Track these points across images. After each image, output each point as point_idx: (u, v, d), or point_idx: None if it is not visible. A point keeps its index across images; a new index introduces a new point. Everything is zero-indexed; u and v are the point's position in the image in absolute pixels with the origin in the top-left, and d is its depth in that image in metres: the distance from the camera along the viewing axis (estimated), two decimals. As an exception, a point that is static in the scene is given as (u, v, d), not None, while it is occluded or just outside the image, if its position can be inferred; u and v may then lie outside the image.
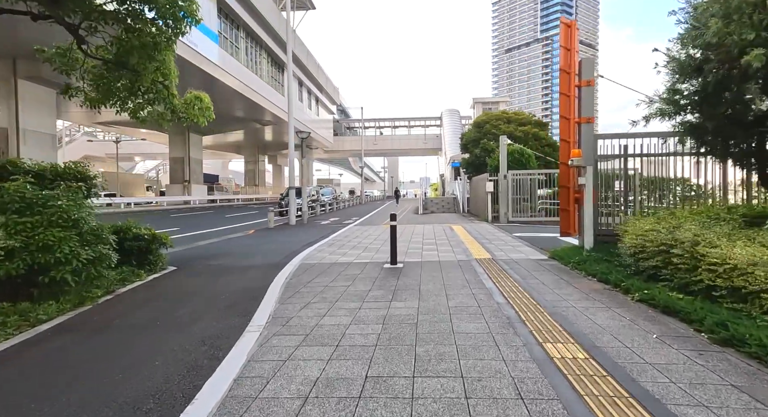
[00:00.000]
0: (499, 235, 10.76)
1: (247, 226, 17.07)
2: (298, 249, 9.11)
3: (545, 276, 5.59)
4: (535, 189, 15.14)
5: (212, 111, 6.20)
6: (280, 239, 11.52)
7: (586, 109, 6.78)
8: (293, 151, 17.27)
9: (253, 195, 52.03)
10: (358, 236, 11.39)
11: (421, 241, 9.81)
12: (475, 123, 21.06)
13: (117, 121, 37.80)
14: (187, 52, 21.88)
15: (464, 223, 14.95)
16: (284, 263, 7.21)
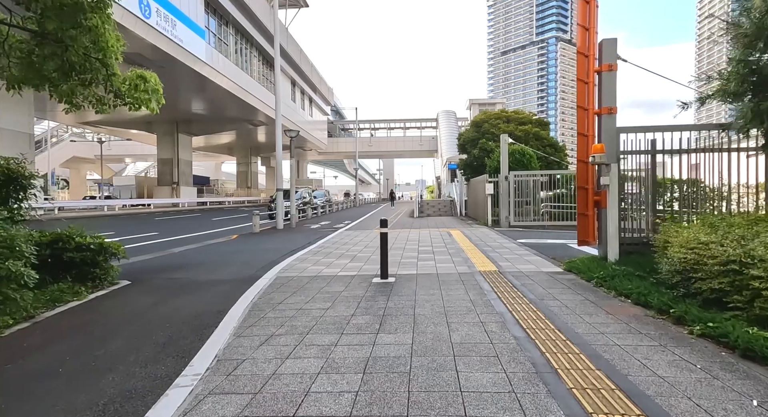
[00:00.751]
0: (502, 242, 9.80)
1: (233, 230, 16.04)
2: (279, 258, 8.11)
3: (566, 295, 4.62)
4: (538, 191, 14.21)
5: (162, 95, 5.19)
6: (262, 246, 10.51)
7: (607, 98, 5.84)
8: (281, 151, 16.27)
9: (245, 197, 50.92)
10: (348, 242, 10.40)
11: (416, 249, 8.83)
12: (473, 122, 20.15)
13: (103, 121, 36.64)
14: (171, 47, 20.86)
15: (463, 228, 13.99)
16: (258, 276, 6.21)
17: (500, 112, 20.07)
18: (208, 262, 8.09)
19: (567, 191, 14.25)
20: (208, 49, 24.70)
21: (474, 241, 9.99)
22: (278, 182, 16.20)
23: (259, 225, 14.59)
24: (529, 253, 7.94)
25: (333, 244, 10.09)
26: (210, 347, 3.26)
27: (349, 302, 4.58)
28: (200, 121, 37.10)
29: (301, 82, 43.64)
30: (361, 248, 9.18)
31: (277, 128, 16.03)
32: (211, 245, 11.04)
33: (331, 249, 9.19)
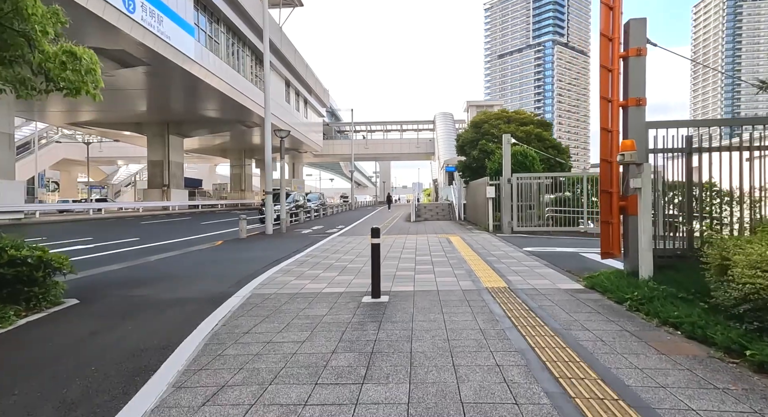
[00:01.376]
0: (507, 250, 8.97)
1: (219, 235, 15.16)
2: (261, 269, 7.25)
3: (597, 323, 3.78)
4: (543, 195, 13.41)
5: (100, 77, 4.33)
6: (246, 254, 9.64)
7: (634, 88, 5.03)
8: (270, 152, 15.42)
9: (239, 200, 49.98)
10: (339, 250, 9.53)
11: (413, 258, 7.98)
12: (473, 123, 19.36)
13: (91, 122, 35.67)
14: (158, 44, 19.98)
15: (462, 234, 13.16)
16: (231, 293, 5.34)
17: (501, 113, 19.29)
18: (181, 273, 7.22)
19: (572, 195, 13.46)
20: (197, 47, 23.84)
21: (476, 249, 9.15)
22: (267, 185, 15.33)
23: (246, 230, 13.71)
24: (539, 264, 7.10)
25: (323, 252, 9.23)
26: (131, 412, 2.39)
27: (330, 332, 3.72)
28: (192, 123, 36.20)
29: (295, 83, 42.81)
30: (352, 257, 8.32)
31: (266, 128, 15.17)
32: (191, 253, 10.16)
33: (319, 258, 8.32)
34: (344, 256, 8.52)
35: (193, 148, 53.07)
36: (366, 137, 62.83)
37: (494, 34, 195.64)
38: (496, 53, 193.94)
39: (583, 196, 12.62)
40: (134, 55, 20.85)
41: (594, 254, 8.24)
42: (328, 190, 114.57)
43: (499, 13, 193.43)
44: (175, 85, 26.82)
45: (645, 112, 5.07)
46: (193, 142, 47.82)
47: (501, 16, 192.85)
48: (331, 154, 62.72)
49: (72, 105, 31.18)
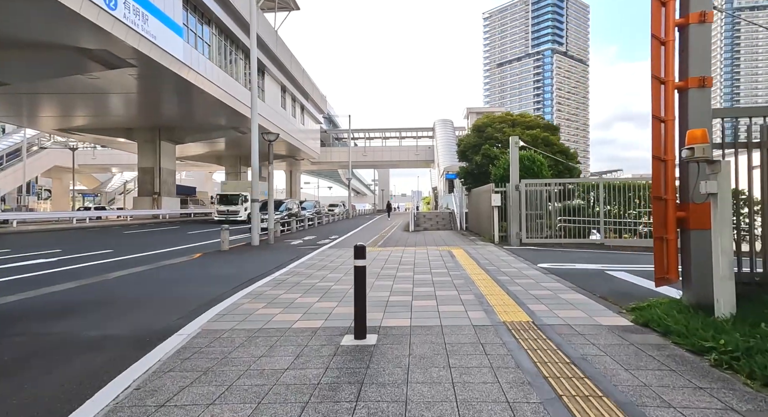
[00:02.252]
0: (519, 267, 7.75)
1: (203, 246, 13.96)
2: (228, 291, 6.05)
3: (680, 393, 2.56)
4: (553, 203, 12.23)
5: None
6: (219, 270, 8.43)
7: (697, 63, 3.87)
8: (257, 156, 14.27)
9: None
10: (326, 266, 8.32)
11: (410, 278, 6.77)
12: (475, 127, 18.25)
13: (81, 128, 34.59)
14: (143, 43, 18.92)
15: (466, 246, 11.95)
16: (173, 329, 4.13)
17: (505, 116, 18.19)
18: (131, 297, 6.01)
19: (587, 203, 12.30)
20: (186, 49, 22.80)
21: (484, 266, 7.94)
22: (254, 192, 14.16)
23: (228, 241, 12.49)
24: (562, 286, 5.88)
25: (307, 269, 8.01)
26: None
27: (286, 405, 2.50)
28: (184, 128, 35.13)
29: (291, 89, 41.86)
30: (339, 276, 7.10)
31: (253, 130, 14.06)
32: (160, 268, 8.95)
33: (301, 277, 7.10)
34: (331, 274, 7.30)
35: (188, 156, 51.97)
36: (364, 144, 61.86)
37: (493, 43, 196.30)
38: (495, 62, 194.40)
39: (599, 205, 11.44)
40: (118, 56, 19.78)
41: (623, 272, 7.04)
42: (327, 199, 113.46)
43: (498, 22, 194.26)
44: (165, 89, 25.77)
45: (709, 95, 3.91)
46: (188, 149, 46.74)
47: (500, 25, 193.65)
48: (328, 162, 61.67)
49: (61, 110, 30.15)
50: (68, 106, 28.89)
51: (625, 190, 11.41)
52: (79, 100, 27.30)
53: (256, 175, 14.27)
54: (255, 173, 14.28)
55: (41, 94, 26.27)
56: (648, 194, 11.72)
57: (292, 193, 64.45)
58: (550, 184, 12.25)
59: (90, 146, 58.82)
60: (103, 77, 22.75)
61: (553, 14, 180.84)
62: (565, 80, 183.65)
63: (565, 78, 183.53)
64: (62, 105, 28.84)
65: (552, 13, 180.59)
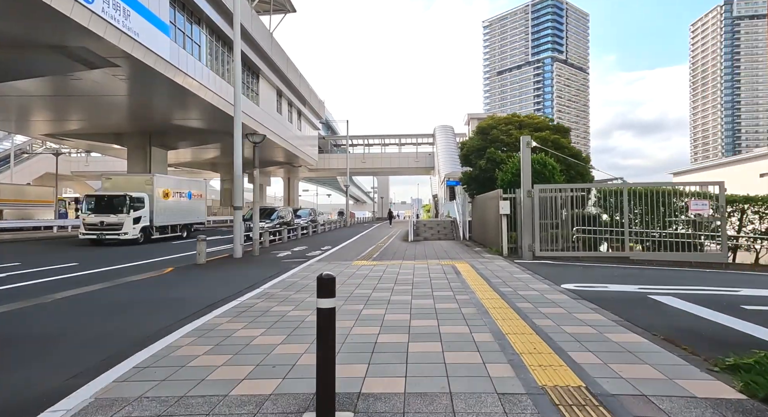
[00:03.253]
0: (540, 289, 6.40)
1: (182, 258, 12.65)
2: (173, 324, 4.73)
3: None
4: (570, 211, 10.89)
5: None
6: (178, 292, 7.08)
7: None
8: (240, 158, 12.98)
9: (229, 216, 47.41)
10: (307, 286, 6.97)
11: (408, 305, 5.41)
12: (479, 129, 16.98)
13: (67, 133, 33.37)
14: (124, 41, 17.73)
15: (471, 259, 10.59)
16: (52, 399, 2.78)
17: (511, 117, 16.92)
18: (42, 332, 4.69)
19: (607, 211, 10.98)
20: (173, 48, 21.62)
21: (496, 286, 6.58)
22: (236, 199, 12.85)
23: (205, 254, 11.13)
24: (606, 320, 4.51)
25: (284, 289, 6.67)
26: None
27: None
28: (176, 134, 33.90)
29: (288, 93, 40.74)
30: (320, 301, 5.74)
31: (236, 130, 12.79)
32: (116, 287, 7.63)
33: (274, 301, 5.75)
34: (310, 298, 5.95)
35: (182, 162, 50.76)
36: (363, 151, 60.70)
37: (493, 51, 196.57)
38: (495, 70, 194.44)
39: (623, 213, 10.09)
40: (99, 55, 18.59)
41: (671, 297, 5.68)
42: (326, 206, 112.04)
43: (498, 31, 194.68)
44: (153, 92, 24.58)
45: None
46: (182, 156, 45.54)
47: (500, 33, 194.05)
48: (326, 169, 60.42)
49: (47, 115, 28.95)
50: (54, 110, 27.70)
51: (652, 197, 10.08)
52: (65, 104, 26.11)
53: (239, 180, 12.97)
54: (238, 178, 12.99)
55: (27, 97, 25.07)
56: (677, 202, 10.40)
57: (290, 200, 63.13)
58: (565, 189, 10.92)
59: (83, 153, 57.73)
60: (86, 78, 21.57)
61: (552, 22, 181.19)
62: (565, 88, 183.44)
63: (565, 86, 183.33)
64: (48, 109, 27.66)
65: (552, 22, 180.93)
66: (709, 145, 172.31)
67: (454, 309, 5.13)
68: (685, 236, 10.12)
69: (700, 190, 9.97)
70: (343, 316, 4.84)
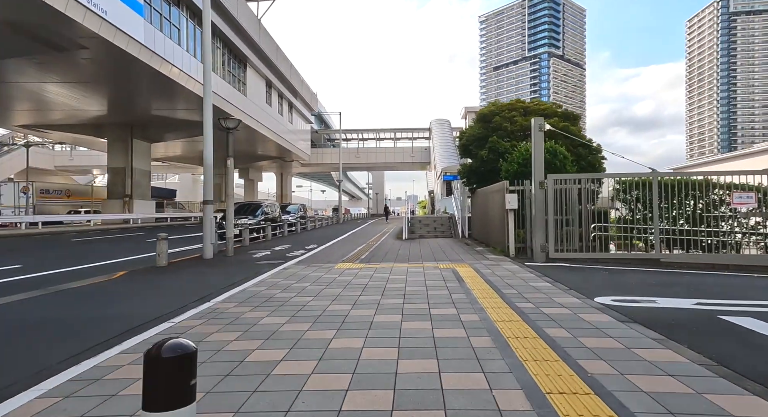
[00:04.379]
0: (570, 304, 4.94)
1: (148, 259, 11.09)
2: (58, 364, 3.21)
3: None
4: (586, 205, 9.45)
5: None
6: (107, 307, 5.56)
7: None
8: (210, 145, 11.45)
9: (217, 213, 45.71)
10: (270, 299, 5.47)
11: (396, 329, 3.93)
12: (480, 116, 15.50)
13: (41, 124, 31.55)
14: (90, 19, 16.09)
15: (474, 261, 9.14)
16: None
17: (515, 102, 15.44)
18: None
19: (628, 206, 9.57)
20: (149, 30, 19.97)
21: (511, 300, 5.12)
22: (206, 192, 11.32)
23: (166, 255, 9.60)
24: (692, 364, 3.04)
25: (239, 305, 5.18)
26: None
27: None
28: (160, 125, 32.12)
29: (278, 84, 39.03)
30: (280, 322, 4.25)
31: (206, 113, 11.25)
32: (43, 297, 6.17)
33: (216, 324, 4.26)
34: (266, 319, 4.46)
35: (170, 156, 48.98)
36: (357, 146, 59.10)
37: (489, 46, 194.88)
38: (492, 65, 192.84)
39: (653, 208, 8.65)
40: (63, 35, 16.94)
41: (751, 319, 4.22)
42: (320, 203, 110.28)
43: (494, 25, 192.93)
44: (130, 79, 22.91)
45: None
46: (169, 149, 43.77)
47: (496, 28, 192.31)
48: (320, 164, 58.84)
49: (19, 104, 27.14)
50: (26, 99, 25.92)
51: (687, 189, 8.65)
52: (35, 93, 24.35)
53: (210, 171, 11.44)
54: (208, 168, 11.46)
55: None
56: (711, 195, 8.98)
57: (282, 196, 61.49)
58: (587, 181, 9.46)
59: (68, 147, 55.73)
60: (52, 63, 19.91)
61: (549, 17, 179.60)
62: (562, 84, 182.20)
63: (561, 81, 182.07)
64: (18, 98, 25.90)
65: (549, 17, 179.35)
66: (705, 142, 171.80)
67: (461, 339, 3.66)
68: (722, 234, 8.72)
69: (745, 180, 8.53)
70: (301, 351, 3.37)
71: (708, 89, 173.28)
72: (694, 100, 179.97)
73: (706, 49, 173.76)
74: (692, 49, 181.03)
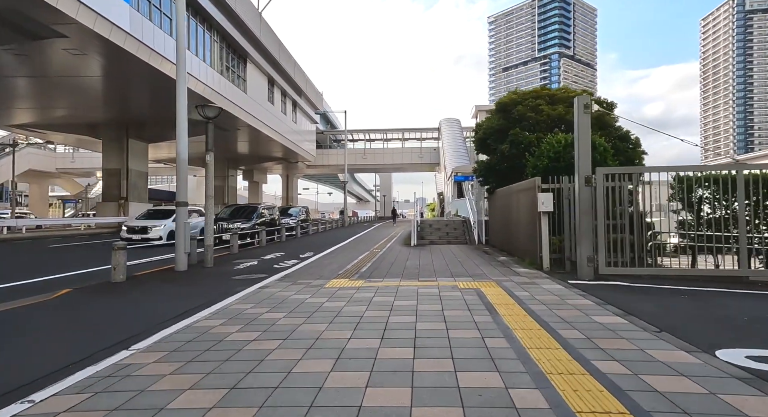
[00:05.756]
0: (682, 364, 3.06)
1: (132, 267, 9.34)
2: None
3: None
4: (643, 206, 7.54)
5: None
6: (14, 346, 3.78)
7: None
8: (185, 135, 9.72)
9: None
10: (217, 353, 3.67)
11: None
12: (499, 106, 13.61)
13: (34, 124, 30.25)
14: (65, 2, 14.53)
15: (502, 277, 7.27)
16: None
17: (539, 90, 13.54)
18: None
19: (691, 208, 7.66)
20: (135, 18, 18.41)
21: (582, 356, 3.26)
22: (179, 191, 9.58)
23: (123, 268, 7.85)
24: None
25: (174, 351, 3.38)
26: None
27: None
28: (157, 125, 30.57)
29: (281, 82, 37.44)
30: (219, 395, 2.43)
31: (179, 100, 9.52)
32: None
33: (111, 402, 2.46)
34: (197, 398, 2.65)
35: (173, 158, 47.61)
36: (364, 147, 57.36)
37: (499, 47, 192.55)
38: (501, 66, 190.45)
39: (740, 211, 6.71)
40: (38, 21, 15.41)
41: None
42: (327, 205, 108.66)
43: (503, 26, 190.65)
44: (120, 72, 21.36)
45: None
46: (173, 150, 42.35)
47: (505, 29, 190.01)
48: (326, 165, 57.19)
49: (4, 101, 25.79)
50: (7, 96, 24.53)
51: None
52: (20, 89, 22.97)
53: (183, 166, 9.70)
54: (182, 162, 9.72)
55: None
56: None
57: (288, 198, 59.90)
58: (633, 175, 7.54)
59: (70, 149, 54.70)
60: (33, 55, 18.47)
61: (560, 17, 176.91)
62: (573, 84, 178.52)
63: (572, 83, 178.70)
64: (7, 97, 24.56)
65: (559, 16, 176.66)
66: (721, 143, 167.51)
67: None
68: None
69: None
70: None
71: (723, 89, 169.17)
72: (708, 100, 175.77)
73: (721, 48, 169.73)
74: (707, 48, 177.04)
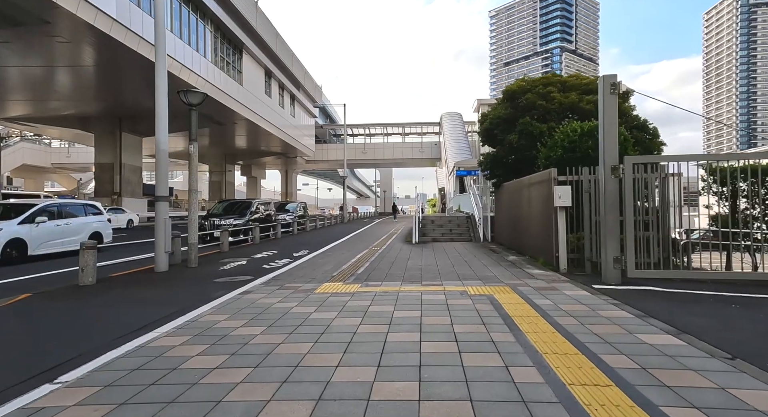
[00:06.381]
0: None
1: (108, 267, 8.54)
2: None
3: None
4: (675, 201, 6.72)
5: None
6: None
7: None
8: (165, 123, 8.89)
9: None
10: (167, 388, 2.87)
11: None
12: (507, 94, 12.76)
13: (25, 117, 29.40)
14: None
15: (515, 280, 6.46)
16: None
17: (551, 77, 12.68)
18: None
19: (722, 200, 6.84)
20: (122, 4, 17.52)
21: (643, 399, 2.45)
22: (159, 185, 8.77)
23: (92, 270, 7.06)
24: None
25: (112, 384, 2.57)
26: None
27: None
28: (151, 118, 29.62)
29: (279, 74, 36.51)
30: None
31: (158, 83, 8.70)
32: None
33: None
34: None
35: (171, 152, 46.81)
36: (364, 141, 56.45)
37: (500, 41, 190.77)
38: (502, 61, 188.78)
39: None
40: (21, 6, 14.57)
41: None
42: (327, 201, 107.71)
43: (504, 20, 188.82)
44: (109, 62, 20.49)
45: None
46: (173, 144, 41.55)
47: (507, 23, 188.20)
48: (325, 160, 56.33)
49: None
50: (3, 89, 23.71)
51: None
52: (11, 80, 22.11)
53: (163, 156, 8.87)
54: (162, 156, 8.89)
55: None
56: None
57: (288, 194, 59.16)
58: (661, 165, 6.72)
59: (65, 144, 53.86)
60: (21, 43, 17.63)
61: (561, 11, 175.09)
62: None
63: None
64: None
65: (561, 10, 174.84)
66: (723, 138, 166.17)
67: None
68: None
69: None
70: None
71: (726, 83, 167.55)
72: (711, 95, 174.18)
73: (725, 42, 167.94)
74: (710, 42, 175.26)
